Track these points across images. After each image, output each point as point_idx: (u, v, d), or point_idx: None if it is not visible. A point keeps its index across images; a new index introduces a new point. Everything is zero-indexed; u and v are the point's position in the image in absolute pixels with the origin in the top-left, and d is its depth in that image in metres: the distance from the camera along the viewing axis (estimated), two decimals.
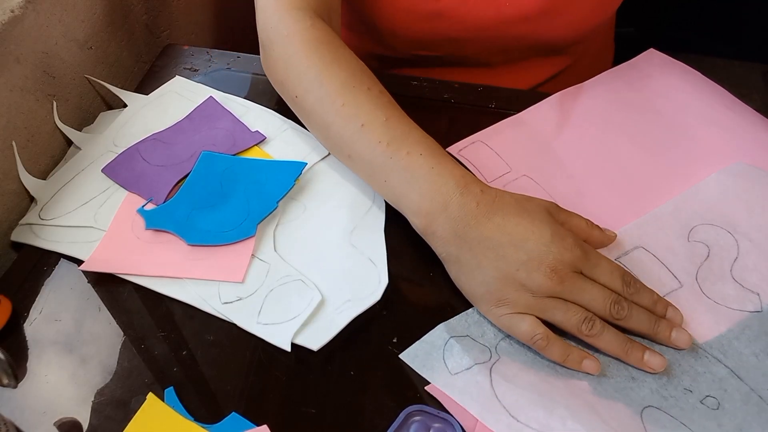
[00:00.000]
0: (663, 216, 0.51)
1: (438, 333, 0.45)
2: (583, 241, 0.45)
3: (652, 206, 0.52)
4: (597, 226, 0.48)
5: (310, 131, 0.55)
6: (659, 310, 0.44)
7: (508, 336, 0.44)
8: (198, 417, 0.42)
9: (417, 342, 0.45)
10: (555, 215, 0.46)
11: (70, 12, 0.59)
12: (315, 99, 0.50)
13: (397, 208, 0.48)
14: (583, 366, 0.42)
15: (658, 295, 0.45)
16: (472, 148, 0.57)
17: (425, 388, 0.42)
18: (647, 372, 0.43)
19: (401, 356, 0.44)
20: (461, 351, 0.44)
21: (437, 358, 0.43)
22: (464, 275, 0.45)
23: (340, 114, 0.49)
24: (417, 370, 0.43)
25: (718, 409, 0.41)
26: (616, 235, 0.49)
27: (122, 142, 0.58)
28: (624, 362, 0.43)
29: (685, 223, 0.51)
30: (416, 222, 0.47)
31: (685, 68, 0.64)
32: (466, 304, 0.47)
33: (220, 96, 0.62)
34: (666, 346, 0.44)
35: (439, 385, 0.42)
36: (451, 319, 0.46)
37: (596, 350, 0.44)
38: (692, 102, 0.60)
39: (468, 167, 0.55)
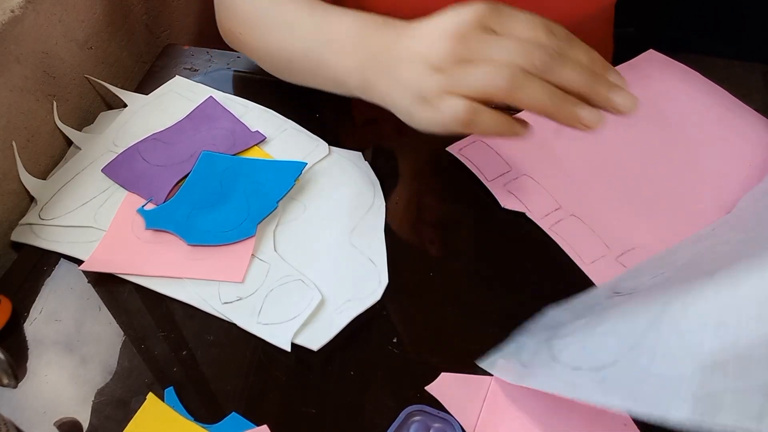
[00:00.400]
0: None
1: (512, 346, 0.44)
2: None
3: (655, 206, 0.52)
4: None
5: (259, 63, 0.57)
6: (598, 66, 0.38)
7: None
8: (198, 417, 0.42)
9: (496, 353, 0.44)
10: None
11: (70, 12, 0.59)
12: (252, 26, 0.54)
13: (340, 91, 0.48)
14: (516, 130, 0.39)
15: (595, 52, 0.38)
16: (473, 147, 0.57)
17: (425, 387, 0.42)
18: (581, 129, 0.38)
19: (480, 364, 0.43)
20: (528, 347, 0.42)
21: (513, 362, 0.42)
22: (387, 93, 0.43)
23: (273, 28, 0.52)
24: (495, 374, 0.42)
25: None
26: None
27: (122, 142, 0.58)
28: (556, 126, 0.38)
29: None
30: (354, 82, 0.45)
31: (684, 69, 0.64)
32: (466, 303, 0.47)
33: (220, 96, 0.62)
34: (606, 109, 0.38)
35: (512, 380, 0.41)
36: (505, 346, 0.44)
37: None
38: (692, 103, 0.60)
39: (468, 166, 0.55)
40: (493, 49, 0.37)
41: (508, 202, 0.53)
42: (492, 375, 0.43)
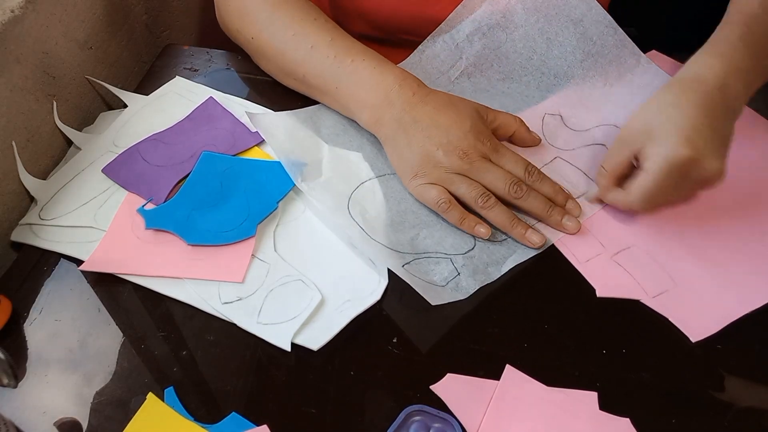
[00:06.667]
0: None
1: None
2: (510, 136, 0.55)
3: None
4: (524, 124, 0.55)
5: (266, 68, 0.61)
6: (559, 200, 0.51)
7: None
8: (198, 417, 0.42)
9: None
10: (483, 114, 0.54)
11: (70, 12, 0.59)
12: (268, 35, 0.58)
13: (348, 115, 0.56)
14: (475, 230, 0.50)
15: (561, 187, 0.52)
16: None
17: (430, 387, 0.42)
18: (528, 246, 0.50)
19: None
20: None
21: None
22: (397, 153, 0.53)
23: (291, 42, 0.56)
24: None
25: None
26: (540, 139, 0.57)
27: (122, 142, 0.58)
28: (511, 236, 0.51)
29: None
30: (364, 117, 0.54)
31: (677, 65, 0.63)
32: (465, 303, 0.47)
33: (220, 96, 0.62)
34: (558, 229, 0.51)
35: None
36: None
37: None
38: None
39: None
40: (487, 176, 0.50)
41: None
42: (498, 380, 0.43)
